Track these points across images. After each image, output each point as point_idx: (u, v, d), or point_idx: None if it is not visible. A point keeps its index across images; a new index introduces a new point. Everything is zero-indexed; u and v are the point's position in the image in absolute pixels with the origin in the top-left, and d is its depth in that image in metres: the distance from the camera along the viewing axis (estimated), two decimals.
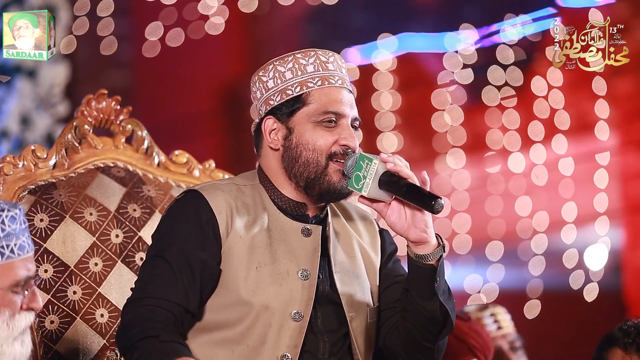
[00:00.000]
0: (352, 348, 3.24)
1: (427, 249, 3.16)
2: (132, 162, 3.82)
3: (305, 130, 3.25)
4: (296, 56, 3.30)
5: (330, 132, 3.24)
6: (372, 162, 3.13)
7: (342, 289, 3.24)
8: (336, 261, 3.27)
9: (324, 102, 3.26)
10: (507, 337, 4.89)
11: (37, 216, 3.57)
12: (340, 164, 3.22)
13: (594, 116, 7.01)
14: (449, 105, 7.18)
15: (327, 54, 3.32)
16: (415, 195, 3.10)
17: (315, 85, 3.27)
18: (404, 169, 3.14)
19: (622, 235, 7.10)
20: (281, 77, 3.29)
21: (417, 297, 3.17)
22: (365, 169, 3.13)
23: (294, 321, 3.16)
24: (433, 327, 3.19)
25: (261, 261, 3.19)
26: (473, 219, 7.11)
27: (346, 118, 3.26)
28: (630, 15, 6.78)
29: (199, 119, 7.08)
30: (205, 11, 6.95)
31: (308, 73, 3.28)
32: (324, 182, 3.22)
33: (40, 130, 6.92)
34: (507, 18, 6.83)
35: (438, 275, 3.15)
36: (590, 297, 6.92)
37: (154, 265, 3.18)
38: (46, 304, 3.50)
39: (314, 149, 3.24)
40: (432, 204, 3.07)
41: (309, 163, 3.24)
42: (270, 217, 3.26)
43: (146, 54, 6.90)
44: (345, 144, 3.23)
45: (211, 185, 3.29)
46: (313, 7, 7.20)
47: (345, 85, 3.30)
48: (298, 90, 3.27)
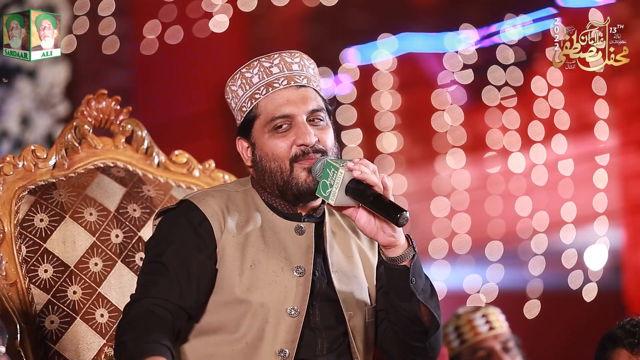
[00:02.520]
0: (350, 347, 3.24)
1: (397, 251, 3.15)
2: (132, 162, 3.82)
3: (263, 142, 3.24)
4: (242, 71, 3.29)
5: (285, 136, 3.22)
6: (338, 170, 3.10)
7: (339, 288, 3.24)
8: (333, 260, 3.27)
9: (270, 109, 3.23)
10: (500, 338, 4.89)
11: (37, 216, 3.57)
12: (304, 162, 3.20)
13: (593, 116, 7.01)
14: (449, 106, 7.18)
15: (271, 57, 3.27)
16: (380, 206, 3.09)
17: (262, 95, 3.25)
18: (371, 176, 3.10)
19: (621, 235, 7.10)
20: (235, 95, 3.30)
21: (396, 298, 3.18)
22: (332, 177, 3.11)
23: (290, 317, 3.17)
24: (417, 326, 3.19)
25: (255, 259, 3.19)
26: (473, 219, 7.11)
27: (298, 116, 3.22)
28: (630, 15, 6.78)
29: (198, 119, 7.08)
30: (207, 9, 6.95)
31: (254, 85, 3.26)
32: (293, 186, 3.21)
33: (40, 130, 6.92)
34: (507, 18, 6.82)
35: (413, 276, 3.15)
36: (589, 297, 6.92)
37: (150, 271, 3.19)
38: (46, 304, 3.51)
39: (274, 158, 3.22)
40: (397, 217, 3.06)
41: (275, 172, 3.23)
42: (263, 217, 3.26)
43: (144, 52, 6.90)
44: (301, 143, 3.20)
45: (201, 193, 3.30)
46: (313, 8, 7.21)
47: (292, 82, 3.24)
48: (249, 105, 3.26)
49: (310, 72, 3.30)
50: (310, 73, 3.29)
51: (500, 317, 4.96)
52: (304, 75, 3.27)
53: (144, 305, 3.09)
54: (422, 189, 7.25)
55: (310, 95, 3.25)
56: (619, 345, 3.67)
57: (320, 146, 3.22)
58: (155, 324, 3.06)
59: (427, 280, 3.22)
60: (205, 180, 3.92)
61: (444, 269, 7.14)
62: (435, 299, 3.21)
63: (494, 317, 4.94)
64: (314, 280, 3.22)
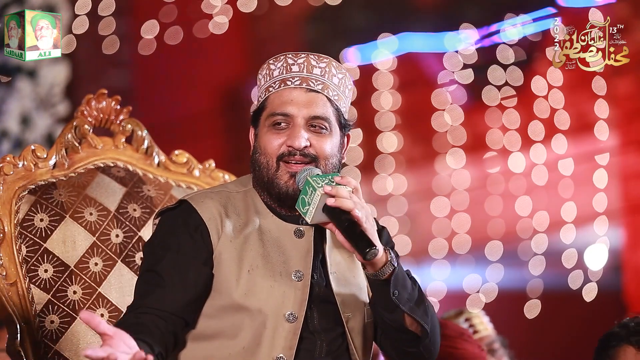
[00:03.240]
0: (349, 348, 3.24)
1: (375, 267, 3.13)
2: (132, 162, 3.82)
3: (261, 134, 3.24)
4: (269, 62, 3.28)
5: (279, 134, 3.20)
6: (315, 192, 3.08)
7: (337, 289, 3.23)
8: (332, 261, 3.26)
9: (275, 104, 3.22)
10: (484, 340, 4.87)
11: (37, 216, 3.57)
12: (290, 165, 3.19)
13: (593, 116, 7.02)
14: (449, 105, 7.19)
15: (297, 55, 3.25)
16: (352, 236, 3.06)
17: (275, 89, 3.24)
18: (346, 202, 3.06)
19: (621, 235, 7.11)
20: (259, 84, 3.30)
21: (381, 310, 3.18)
22: (310, 196, 3.09)
23: (288, 322, 3.16)
24: (405, 335, 3.19)
25: (253, 264, 3.18)
26: (473, 218, 7.11)
27: (296, 118, 3.20)
28: (630, 15, 6.78)
29: (199, 118, 7.08)
30: (207, 11, 6.95)
31: (273, 77, 3.25)
32: (275, 186, 3.20)
33: (40, 130, 6.93)
34: (507, 18, 6.83)
35: (395, 288, 3.13)
36: (589, 297, 6.92)
37: (146, 281, 3.19)
38: (46, 304, 3.51)
39: (264, 153, 3.22)
40: (365, 252, 3.03)
41: (263, 167, 3.22)
42: (262, 220, 3.25)
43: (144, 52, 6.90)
44: (289, 144, 3.19)
45: (200, 194, 3.29)
46: (313, 7, 7.21)
47: (305, 84, 3.23)
48: (263, 96, 3.27)
49: (334, 81, 3.27)
50: (332, 82, 3.26)
51: (484, 319, 4.95)
52: (321, 81, 3.25)
53: (142, 314, 3.10)
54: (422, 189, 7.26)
55: (318, 102, 3.23)
56: (624, 343, 3.66)
57: (312, 152, 3.20)
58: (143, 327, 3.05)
59: (415, 288, 3.20)
60: (206, 180, 3.91)
61: (444, 269, 7.15)
62: (422, 307, 3.19)
63: (477, 319, 4.93)
64: (312, 283, 3.20)
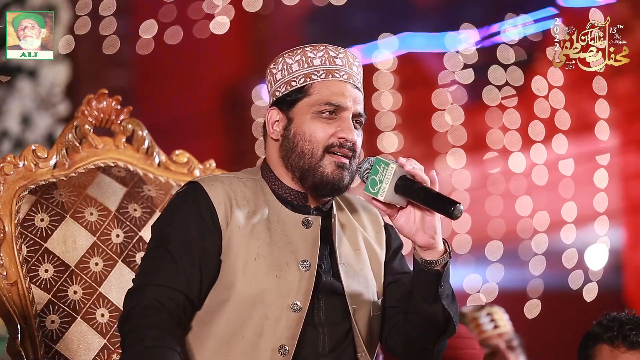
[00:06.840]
0: (355, 341, 3.24)
1: (434, 254, 3.15)
2: (132, 161, 3.82)
3: (304, 120, 3.24)
4: (305, 49, 3.30)
5: (329, 124, 3.22)
6: (388, 166, 3.10)
7: (346, 281, 3.24)
8: (341, 253, 3.27)
9: (326, 94, 3.24)
10: (504, 337, 4.91)
11: (37, 216, 3.57)
12: (337, 156, 3.21)
13: (594, 116, 7.02)
14: (450, 105, 7.19)
15: (337, 49, 3.30)
16: (433, 201, 3.08)
17: (319, 78, 3.26)
18: (421, 172, 3.11)
19: (622, 235, 7.11)
20: (288, 69, 3.29)
21: (420, 300, 3.17)
22: (382, 173, 3.11)
23: (292, 312, 3.15)
24: (434, 329, 3.20)
25: (260, 252, 3.18)
26: (473, 218, 7.11)
27: (347, 111, 3.24)
28: (630, 15, 6.78)
29: (199, 118, 7.08)
30: (208, 11, 6.95)
31: (314, 66, 3.27)
32: (317, 174, 3.21)
33: (41, 130, 6.93)
34: (507, 18, 6.83)
35: (443, 281, 3.16)
36: (590, 297, 6.92)
37: (154, 256, 3.17)
38: (47, 304, 3.51)
39: (310, 140, 3.22)
40: (452, 210, 3.04)
41: (305, 154, 3.22)
42: (270, 208, 3.25)
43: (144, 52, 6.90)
44: (343, 136, 3.21)
45: (211, 177, 3.29)
46: (313, 7, 7.21)
47: (351, 80, 3.27)
48: (302, 82, 3.26)
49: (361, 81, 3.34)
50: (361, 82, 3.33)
51: (504, 317, 4.98)
52: (359, 81, 3.31)
53: (151, 294, 3.08)
54: None
55: (361, 100, 3.29)
56: (599, 342, 3.69)
57: (356, 147, 3.25)
58: (164, 320, 3.05)
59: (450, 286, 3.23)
60: None
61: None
62: (455, 305, 3.22)
63: (498, 316, 4.96)
64: (320, 273, 3.21)
